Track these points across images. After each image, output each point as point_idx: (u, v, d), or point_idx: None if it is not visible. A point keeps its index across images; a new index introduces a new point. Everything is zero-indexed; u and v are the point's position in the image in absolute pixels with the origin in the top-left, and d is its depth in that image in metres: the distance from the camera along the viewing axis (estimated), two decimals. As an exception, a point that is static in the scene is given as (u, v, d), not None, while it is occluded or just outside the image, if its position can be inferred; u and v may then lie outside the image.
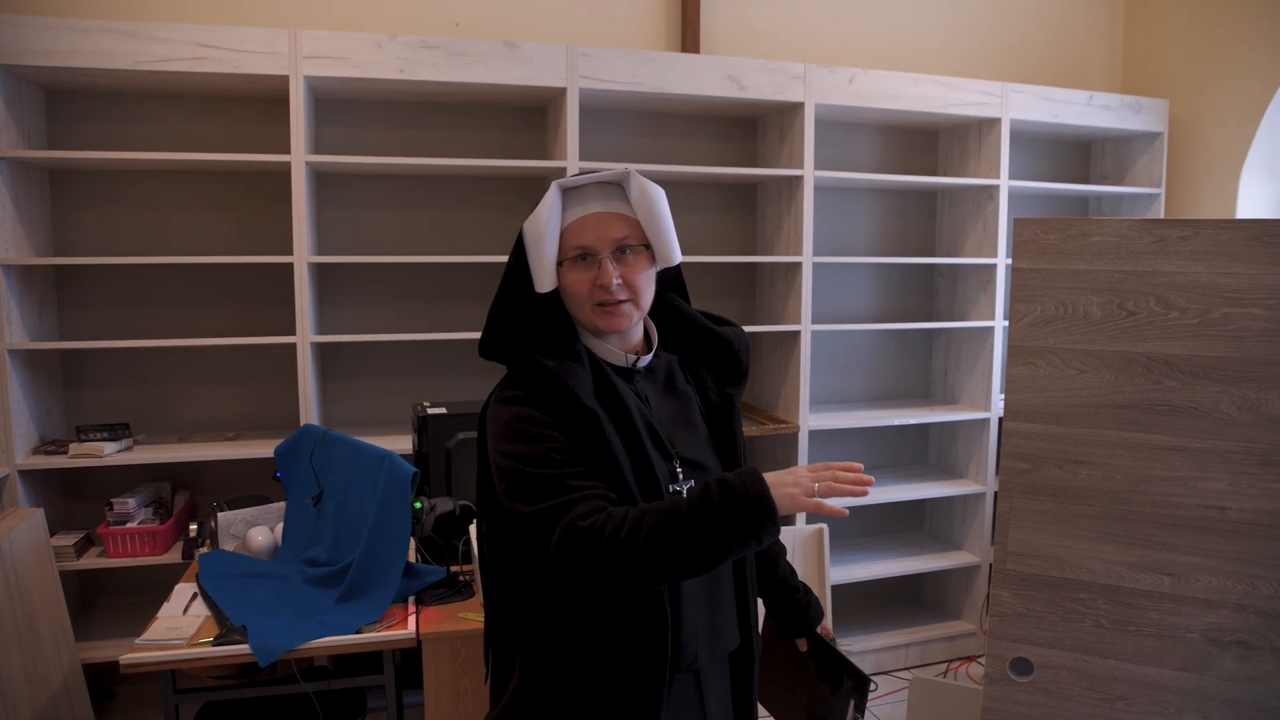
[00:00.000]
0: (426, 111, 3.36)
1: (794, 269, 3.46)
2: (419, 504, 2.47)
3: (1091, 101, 3.76)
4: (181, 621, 2.10)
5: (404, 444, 2.89)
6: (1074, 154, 4.24)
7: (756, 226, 3.78)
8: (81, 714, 2.64)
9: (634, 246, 1.38)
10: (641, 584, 1.24)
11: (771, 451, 3.68)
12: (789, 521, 3.32)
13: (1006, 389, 1.77)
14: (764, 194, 3.71)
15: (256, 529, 2.58)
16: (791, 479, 1.22)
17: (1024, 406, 1.76)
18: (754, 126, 3.73)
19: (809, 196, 3.39)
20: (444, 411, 2.70)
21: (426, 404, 2.78)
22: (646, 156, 3.57)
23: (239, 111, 3.19)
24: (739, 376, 1.52)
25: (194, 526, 2.84)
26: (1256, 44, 3.64)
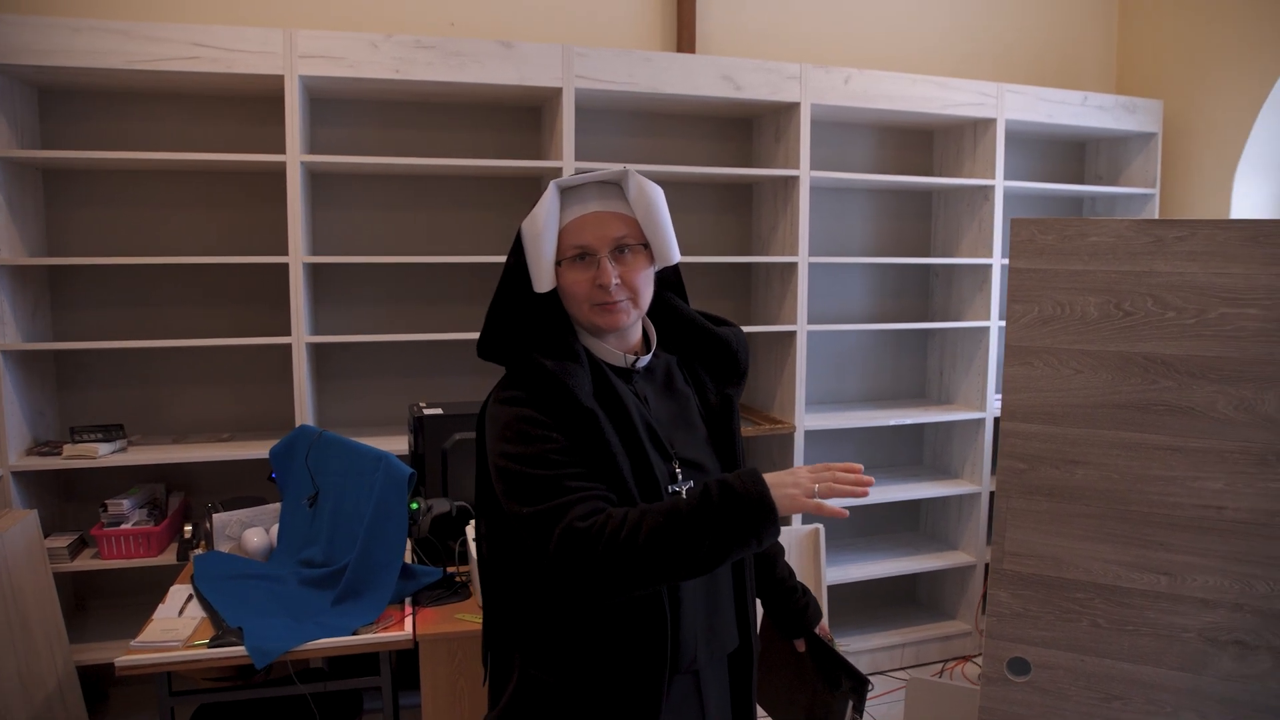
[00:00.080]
0: (422, 111, 3.35)
1: (789, 269, 3.46)
2: (415, 505, 2.46)
3: (1086, 102, 3.77)
4: (177, 623, 2.09)
5: (400, 445, 2.88)
6: (1069, 154, 4.26)
7: (752, 227, 3.78)
8: (75, 716, 2.62)
9: (632, 246, 1.38)
10: (641, 585, 1.23)
11: (767, 452, 3.68)
12: (785, 522, 3.32)
13: (1004, 389, 1.77)
14: (759, 194, 3.71)
15: (252, 530, 2.57)
16: (791, 480, 1.22)
17: (1021, 406, 1.76)
18: (750, 127, 3.73)
19: (804, 197, 3.39)
20: (440, 412, 2.69)
21: (422, 404, 2.77)
22: (642, 157, 3.57)
23: (234, 111, 3.18)
24: (738, 377, 1.52)
25: (189, 528, 2.82)
26: (1250, 44, 3.65)
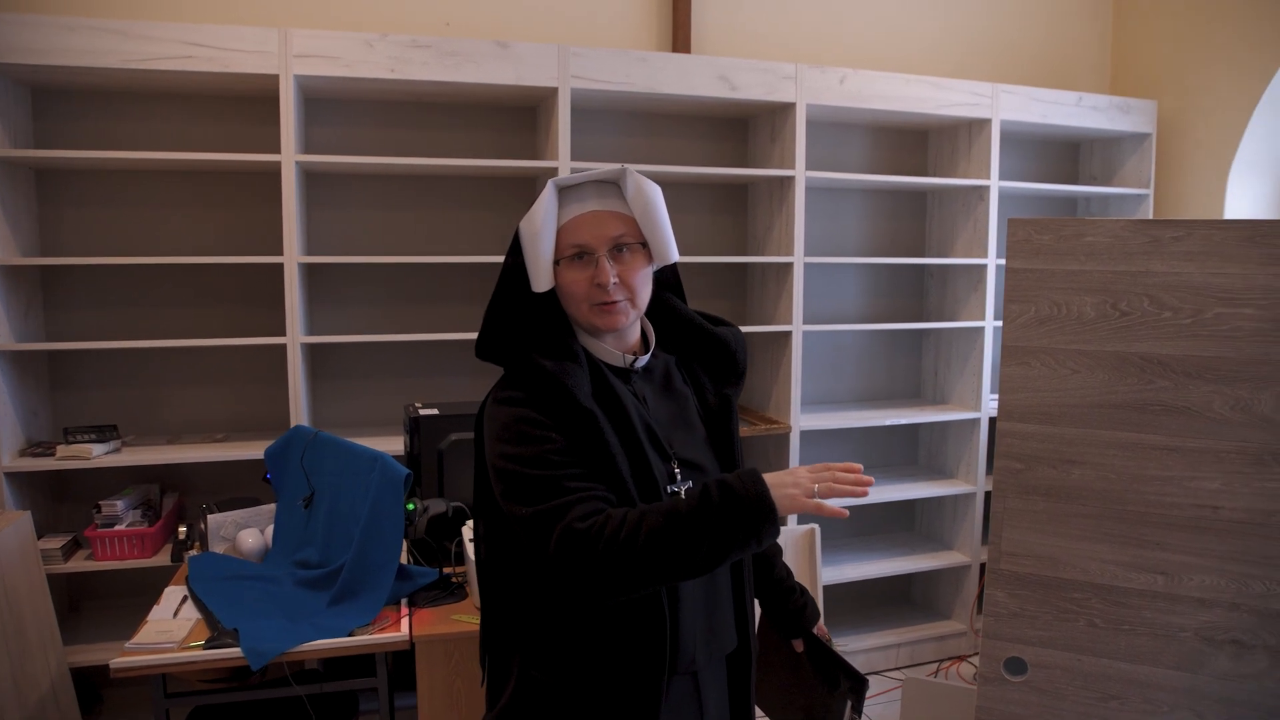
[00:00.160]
0: (417, 111, 3.34)
1: (785, 269, 3.46)
2: (411, 506, 2.46)
3: (1081, 102, 3.78)
4: (172, 625, 2.09)
5: (396, 445, 2.87)
6: (1063, 155, 4.26)
7: (748, 227, 3.78)
8: (69, 717, 2.61)
9: (630, 245, 1.37)
10: (641, 585, 1.23)
11: (763, 452, 3.68)
12: (783, 522, 3.32)
13: (1000, 389, 1.77)
14: (755, 194, 3.71)
15: (247, 531, 2.56)
16: (791, 480, 1.22)
17: (1018, 406, 1.76)
18: (745, 127, 3.73)
19: (800, 197, 3.40)
20: (436, 412, 2.69)
21: (418, 405, 2.77)
22: (638, 157, 3.57)
23: (228, 111, 3.17)
24: (736, 377, 1.51)
25: (183, 529, 2.81)
26: (1244, 45, 3.66)
